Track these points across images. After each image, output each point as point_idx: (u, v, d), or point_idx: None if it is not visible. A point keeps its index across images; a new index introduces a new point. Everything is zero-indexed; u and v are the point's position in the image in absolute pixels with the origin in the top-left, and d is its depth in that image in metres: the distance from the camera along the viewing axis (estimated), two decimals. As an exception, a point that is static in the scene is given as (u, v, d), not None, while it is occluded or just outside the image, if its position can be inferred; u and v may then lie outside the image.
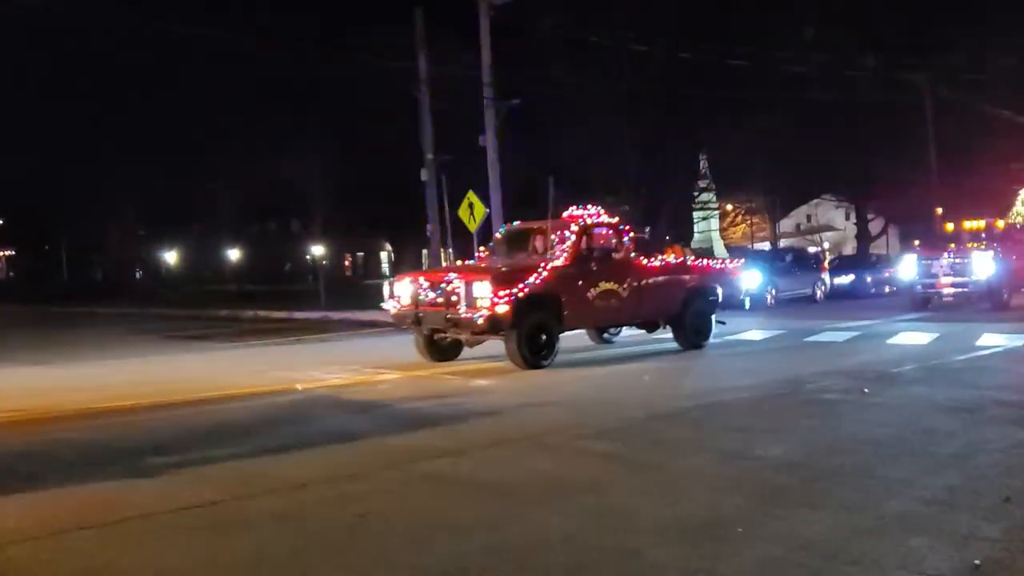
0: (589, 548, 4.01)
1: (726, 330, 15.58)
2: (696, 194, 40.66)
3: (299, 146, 40.92)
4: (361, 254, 71.34)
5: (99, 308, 31.58)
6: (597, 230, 12.27)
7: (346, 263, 69.08)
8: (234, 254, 60.81)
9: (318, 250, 51.58)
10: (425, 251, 20.73)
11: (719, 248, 55.78)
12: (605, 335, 13.99)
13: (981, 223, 20.89)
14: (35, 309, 32.66)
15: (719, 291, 13.38)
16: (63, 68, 38.98)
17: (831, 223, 61.22)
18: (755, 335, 14.77)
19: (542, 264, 11.25)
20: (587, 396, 8.91)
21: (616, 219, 12.96)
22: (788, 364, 10.95)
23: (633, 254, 12.43)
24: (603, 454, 6.04)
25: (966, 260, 18.85)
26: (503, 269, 11.52)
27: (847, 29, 33.16)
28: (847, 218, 54.06)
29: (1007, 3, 31.05)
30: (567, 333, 11.83)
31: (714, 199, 46.03)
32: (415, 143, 23.24)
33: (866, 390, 8.34)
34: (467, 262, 14.31)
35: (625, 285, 12.00)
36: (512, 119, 22.92)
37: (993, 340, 12.29)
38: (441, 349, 11.91)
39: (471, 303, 10.65)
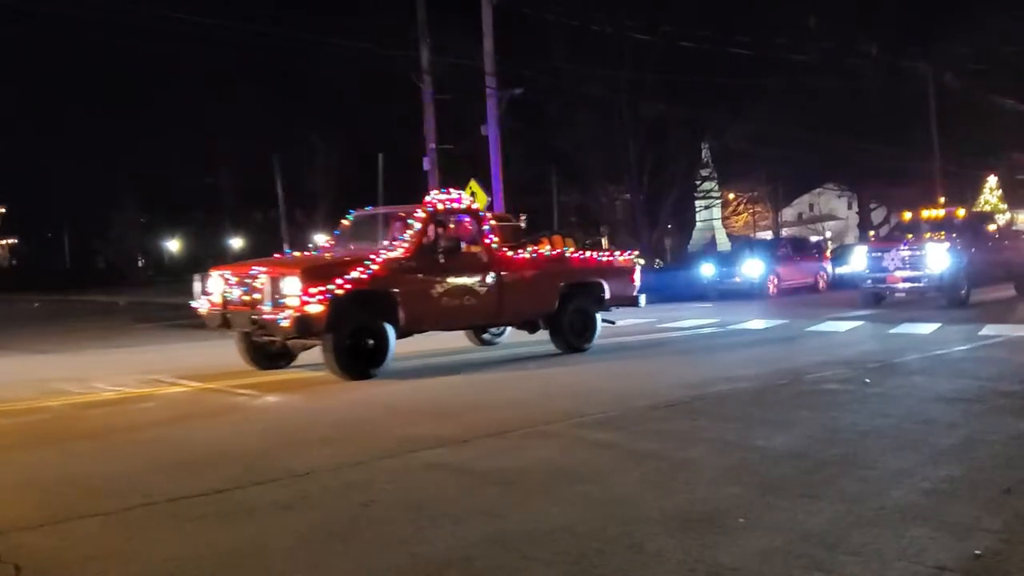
0: (591, 537, 4.03)
1: (731, 318, 15.61)
2: (698, 183, 40.56)
3: (301, 134, 40.89)
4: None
5: (100, 296, 31.71)
6: (450, 217, 10.62)
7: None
8: (236, 242, 60.78)
9: (320, 239, 51.54)
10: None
11: (721, 236, 55.72)
12: (485, 336, 12.76)
13: (940, 212, 19.66)
14: (42, 299, 32.77)
15: (606, 287, 11.85)
16: (67, 56, 38.94)
17: (833, 212, 61.16)
18: (756, 324, 14.79)
19: (373, 256, 9.66)
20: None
21: (475, 205, 11.48)
22: (789, 354, 10.96)
23: (496, 245, 10.88)
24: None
25: (920, 252, 17.35)
26: (319, 261, 10.07)
27: (850, 17, 33.05)
28: (849, 207, 54.02)
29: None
30: (443, 334, 10.92)
31: (716, 188, 45.93)
32: (418, 131, 23.21)
33: (867, 380, 8.36)
34: (294, 254, 12.57)
35: (483, 281, 10.53)
36: (514, 108, 22.89)
37: (995, 330, 12.29)
38: (269, 354, 10.29)
39: (277, 302, 9.12)
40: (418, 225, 10.24)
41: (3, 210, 61.92)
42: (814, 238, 41.08)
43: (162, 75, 40.46)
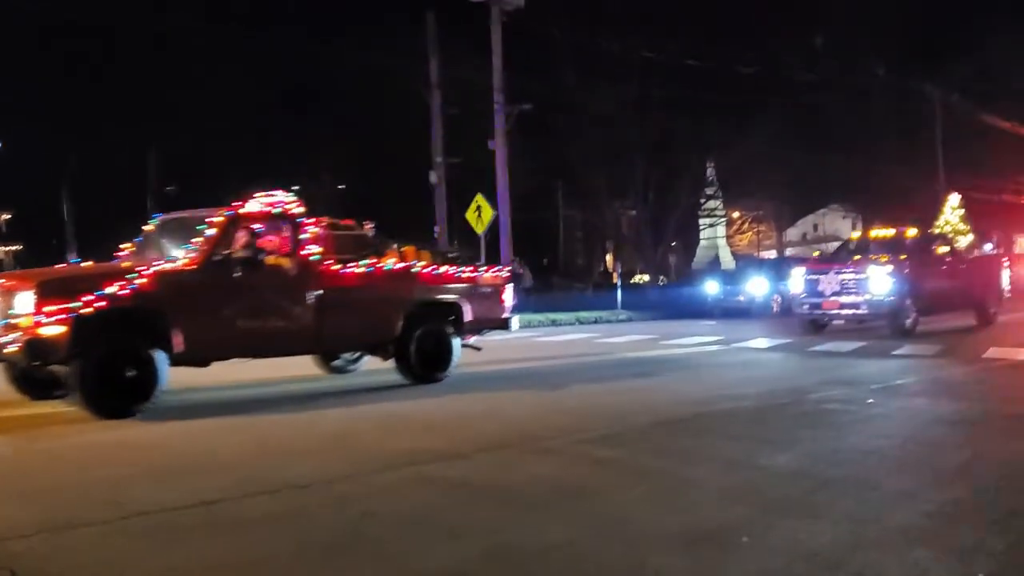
0: (592, 555, 4.00)
1: (734, 336, 15.53)
2: (703, 200, 40.65)
3: (309, 147, 41.05)
4: (367, 255, 71.36)
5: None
6: (258, 223, 8.88)
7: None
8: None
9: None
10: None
11: (725, 255, 55.70)
12: (336, 362, 11.08)
13: (890, 232, 18.12)
14: None
15: (465, 308, 10.32)
16: (73, 65, 39.16)
17: (838, 233, 61.13)
18: (760, 343, 14.75)
19: (142, 268, 8.08)
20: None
21: (295, 209, 9.32)
22: (792, 373, 10.93)
23: (317, 257, 9.22)
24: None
25: (859, 275, 15.54)
26: (63, 273, 8.67)
27: (858, 39, 33.19)
28: (854, 228, 54.02)
29: (1019, 16, 31.02)
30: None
31: (721, 206, 46.03)
32: (425, 145, 23.31)
33: (870, 400, 8.32)
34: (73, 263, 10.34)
35: (297, 299, 8.93)
36: (522, 123, 22.97)
37: (999, 352, 12.23)
38: (41, 382, 8.52)
39: (10, 322, 7.62)
40: (211, 231, 8.59)
41: (8, 216, 62.15)
42: (818, 258, 41.07)
43: (171, 87, 40.60)
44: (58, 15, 25.79)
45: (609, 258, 55.07)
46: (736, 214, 54.20)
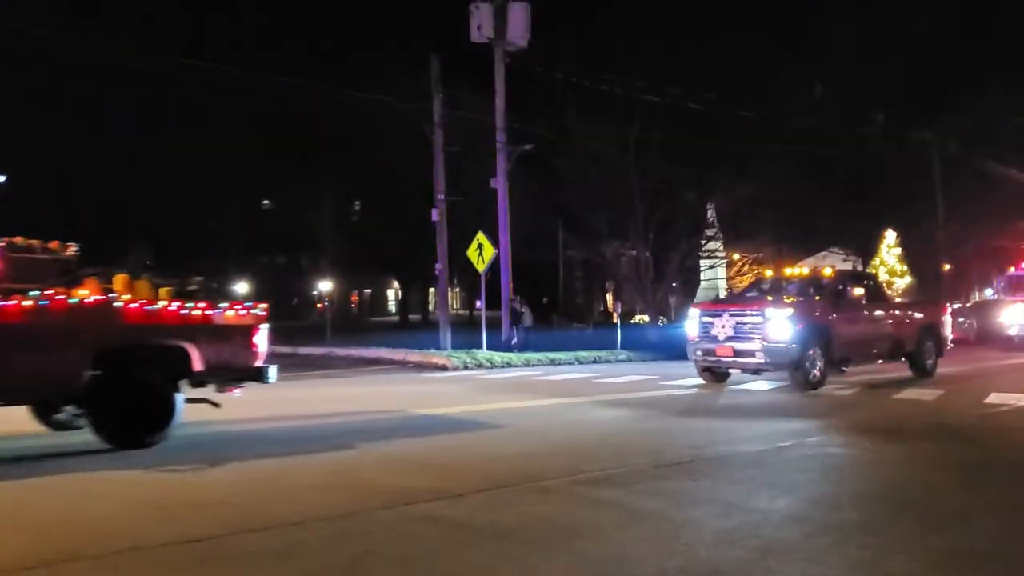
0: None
1: (734, 377, 15.32)
2: (704, 242, 40.77)
3: (310, 182, 41.33)
4: (368, 291, 71.51)
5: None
6: None
7: (353, 300, 69.22)
8: (241, 288, 61.00)
9: (325, 286, 51.82)
10: (432, 289, 20.69)
11: (723, 295, 55.64)
12: (60, 416, 8.74)
13: (803, 271, 16.46)
14: None
15: (193, 352, 8.20)
16: (75, 103, 39.62)
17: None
18: (760, 385, 14.71)
19: None
20: None
21: None
22: (791, 416, 10.87)
23: None
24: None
25: (754, 318, 13.70)
26: None
27: (857, 85, 33.57)
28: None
29: (1017, 63, 31.40)
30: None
31: (721, 248, 46.14)
32: (427, 182, 23.47)
33: (867, 445, 8.28)
34: None
35: None
36: (523, 163, 23.15)
37: (1001, 399, 12.19)
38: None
39: None
40: None
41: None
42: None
43: (176, 122, 41.03)
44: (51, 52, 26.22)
45: (609, 298, 55.05)
46: (736, 256, 54.33)
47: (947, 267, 32.89)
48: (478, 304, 30.46)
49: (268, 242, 52.60)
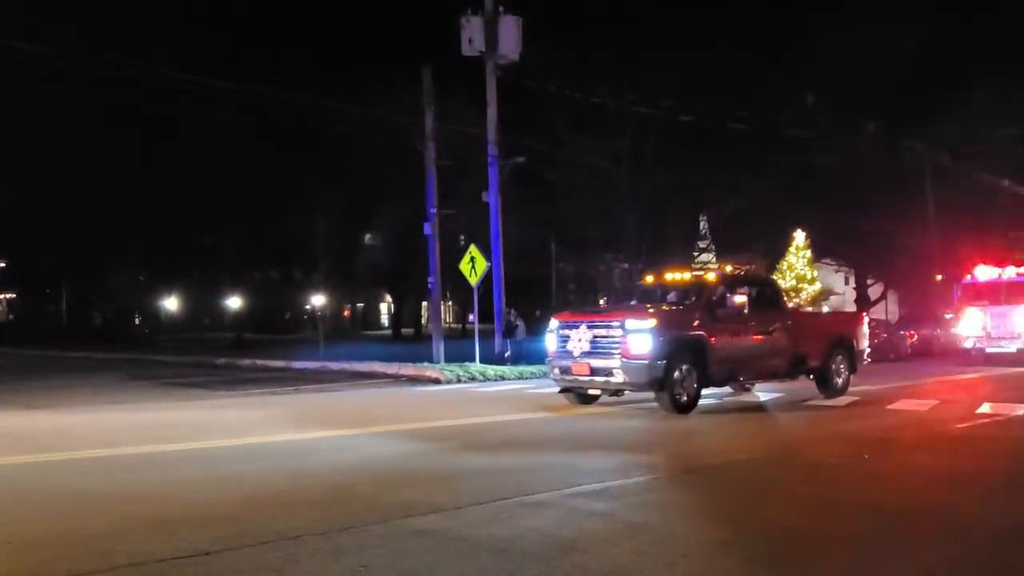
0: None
1: (729, 389, 15.10)
2: (696, 254, 40.91)
3: (303, 196, 41.31)
4: (361, 305, 71.40)
5: (97, 353, 31.65)
6: None
7: (345, 313, 69.10)
8: (234, 302, 60.78)
9: (318, 300, 51.68)
10: (425, 303, 20.49)
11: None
12: None
13: (685, 275, 14.38)
14: (37, 354, 32.65)
15: None
16: (69, 114, 39.59)
17: (831, 288, 61.35)
18: (758, 397, 14.68)
19: None
20: None
21: None
22: (787, 427, 10.87)
23: None
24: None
25: (613, 330, 11.89)
26: None
27: (848, 95, 33.75)
28: (846, 283, 54.27)
29: (1008, 73, 31.59)
30: None
31: (714, 259, 46.30)
32: (418, 196, 23.48)
33: (866, 456, 8.28)
34: None
35: None
36: (515, 176, 23.19)
37: (995, 408, 12.20)
38: None
39: None
40: None
41: (2, 264, 62.08)
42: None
43: (167, 135, 41.05)
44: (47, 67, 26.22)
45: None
46: (728, 268, 54.43)
47: (939, 277, 32.91)
48: (471, 317, 30.43)
49: (262, 256, 52.49)
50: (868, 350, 15.25)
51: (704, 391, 12.28)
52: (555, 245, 44.20)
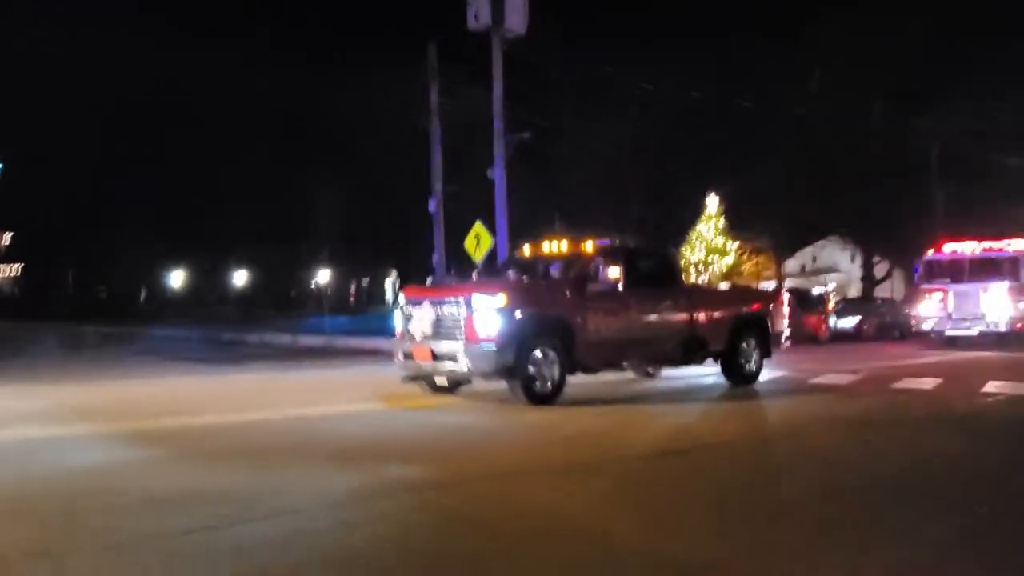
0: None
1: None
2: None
3: (309, 173, 41.30)
4: (367, 280, 71.52)
5: (107, 327, 31.84)
6: None
7: (351, 289, 69.24)
8: (240, 277, 60.97)
9: (324, 276, 51.82)
10: (430, 279, 20.37)
11: (725, 287, 55.57)
12: None
13: (562, 246, 12.14)
14: (49, 327, 32.69)
15: None
16: (80, 90, 39.52)
17: (836, 265, 61.19)
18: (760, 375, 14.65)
19: None
20: None
21: None
22: (786, 409, 10.81)
23: None
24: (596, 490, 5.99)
25: (461, 309, 10.26)
26: None
27: (855, 73, 33.48)
28: (852, 260, 54.12)
29: (1017, 51, 31.30)
30: None
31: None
32: (424, 173, 23.42)
33: (869, 438, 8.28)
34: None
35: None
36: (521, 155, 23.08)
37: (997, 387, 12.17)
38: None
39: None
40: None
41: (9, 236, 62.24)
42: (816, 290, 41.05)
43: (176, 112, 41.02)
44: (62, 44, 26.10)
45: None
46: (736, 246, 54.26)
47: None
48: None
49: (269, 233, 52.55)
50: (787, 332, 13.40)
51: (619, 376, 11.40)
52: (560, 223, 44.12)
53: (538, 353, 10.18)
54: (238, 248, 54.18)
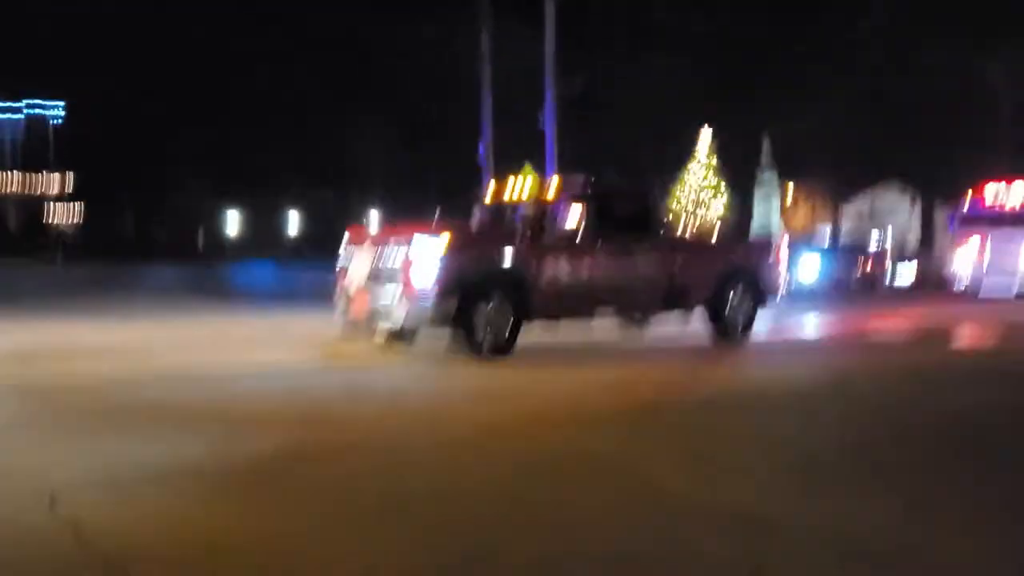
0: (632, 530, 4.07)
1: (780, 319, 14.79)
2: (758, 175, 40.03)
3: (359, 118, 41.39)
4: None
5: (169, 269, 31.73)
6: None
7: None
8: (294, 220, 61.64)
9: (373, 219, 52.17)
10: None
11: (776, 229, 54.68)
12: None
13: (526, 186, 11.03)
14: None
15: None
16: (140, 35, 39.97)
17: (895, 211, 59.66)
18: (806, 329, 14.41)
19: None
20: None
21: None
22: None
23: None
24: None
25: (401, 255, 9.33)
26: None
27: (919, 14, 32.22)
28: (912, 208, 52.75)
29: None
30: None
31: (776, 181, 45.26)
32: (473, 119, 23.38)
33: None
34: None
35: None
36: (572, 101, 22.85)
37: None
38: None
39: None
40: None
41: (73, 176, 63.60)
42: (874, 239, 40.12)
43: (231, 59, 41.23)
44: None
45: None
46: (791, 189, 53.14)
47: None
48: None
49: (317, 177, 52.95)
50: (782, 283, 12.10)
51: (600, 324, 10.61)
52: (613, 169, 43.68)
53: (486, 302, 9.28)
54: (290, 191, 54.78)
